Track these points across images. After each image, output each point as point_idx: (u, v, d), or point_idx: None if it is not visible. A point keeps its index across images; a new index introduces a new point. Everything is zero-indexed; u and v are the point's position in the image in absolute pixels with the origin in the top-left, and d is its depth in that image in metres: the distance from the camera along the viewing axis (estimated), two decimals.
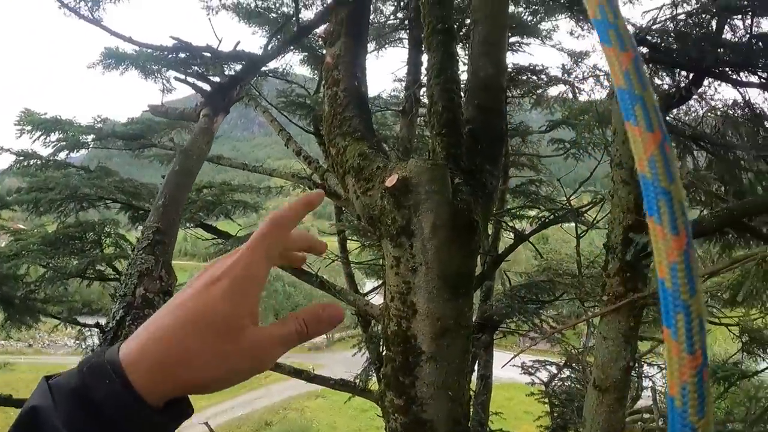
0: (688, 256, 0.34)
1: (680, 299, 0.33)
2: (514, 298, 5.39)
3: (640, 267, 3.52)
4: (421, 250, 2.85)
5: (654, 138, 0.37)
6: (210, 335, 0.52)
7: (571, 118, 6.72)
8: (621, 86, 0.39)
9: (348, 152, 3.31)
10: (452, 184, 2.90)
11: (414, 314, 2.96)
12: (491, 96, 3.53)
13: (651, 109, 0.38)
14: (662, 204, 0.35)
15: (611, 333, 3.41)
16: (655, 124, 0.37)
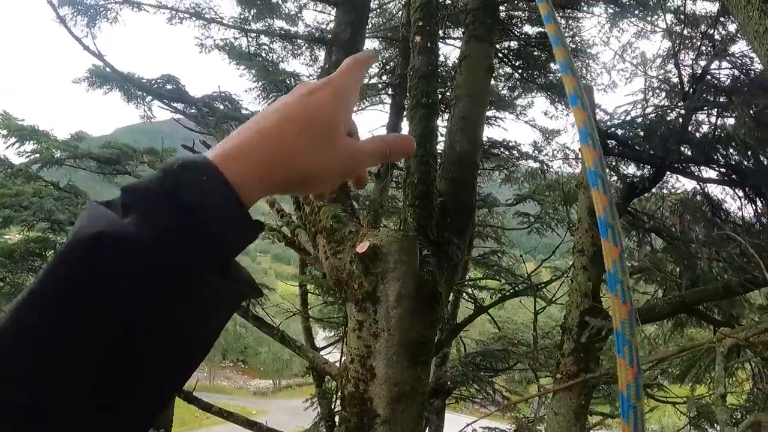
0: (631, 315, 0.62)
1: (626, 338, 0.61)
2: (468, 365, 5.46)
3: (593, 349, 3.65)
4: (385, 316, 2.93)
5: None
6: (312, 134, 0.53)
7: (538, 193, 6.97)
8: (600, 216, 0.65)
9: (322, 212, 3.41)
10: (420, 255, 3.01)
11: (372, 378, 3.01)
12: (464, 171, 3.69)
13: (617, 232, 0.65)
14: (618, 288, 0.62)
15: (562, 409, 3.50)
16: (618, 239, 0.65)
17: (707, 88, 5.03)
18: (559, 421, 3.52)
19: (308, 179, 0.54)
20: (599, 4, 7.08)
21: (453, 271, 3.36)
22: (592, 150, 0.69)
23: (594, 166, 0.67)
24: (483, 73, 4.26)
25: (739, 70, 5.11)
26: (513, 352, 5.79)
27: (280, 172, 0.51)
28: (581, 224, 3.80)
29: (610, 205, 0.63)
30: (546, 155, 8.27)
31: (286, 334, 4.17)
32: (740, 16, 1.75)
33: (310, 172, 0.53)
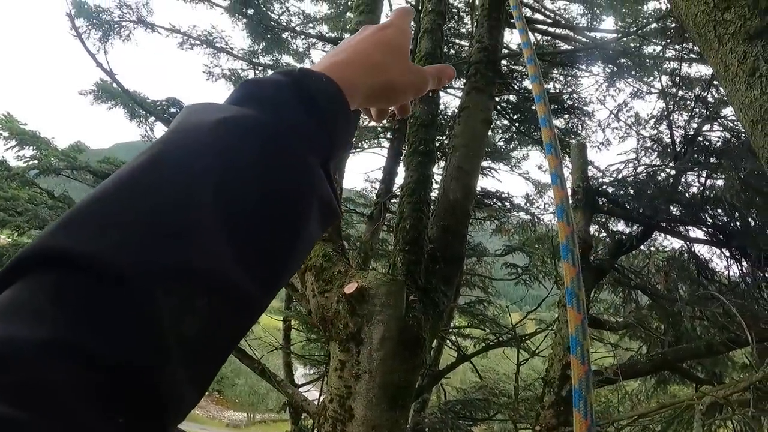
0: (588, 376, 0.67)
1: (582, 394, 0.66)
2: (448, 413, 5.43)
3: None
4: (368, 358, 2.95)
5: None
6: (394, 54, 0.65)
7: (527, 245, 7.04)
8: (567, 286, 0.72)
9: (313, 251, 3.44)
10: (407, 300, 3.05)
11: (351, 419, 3.01)
12: (456, 220, 3.75)
13: (581, 301, 0.71)
14: (578, 349, 0.68)
15: None
16: (582, 308, 0.71)
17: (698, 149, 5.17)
18: None
19: (394, 88, 0.65)
20: (598, 63, 7.29)
21: (438, 317, 3.38)
22: (565, 226, 0.76)
23: (566, 241, 0.73)
24: (481, 124, 4.36)
25: (729, 132, 5.26)
26: (493, 402, 5.77)
27: (375, 80, 0.62)
28: None
29: (577, 277, 0.70)
30: (537, 208, 8.39)
31: (266, 367, 4.16)
32: (728, 88, 1.84)
33: (396, 82, 0.65)
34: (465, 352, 6.39)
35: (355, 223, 8.07)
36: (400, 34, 0.69)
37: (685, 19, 2.03)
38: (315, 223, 0.48)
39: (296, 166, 0.46)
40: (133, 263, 0.33)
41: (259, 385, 30.86)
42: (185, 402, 0.36)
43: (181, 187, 0.38)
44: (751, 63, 1.75)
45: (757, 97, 1.70)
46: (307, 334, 6.61)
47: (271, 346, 6.46)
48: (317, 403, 4.15)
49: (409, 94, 0.68)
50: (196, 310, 0.36)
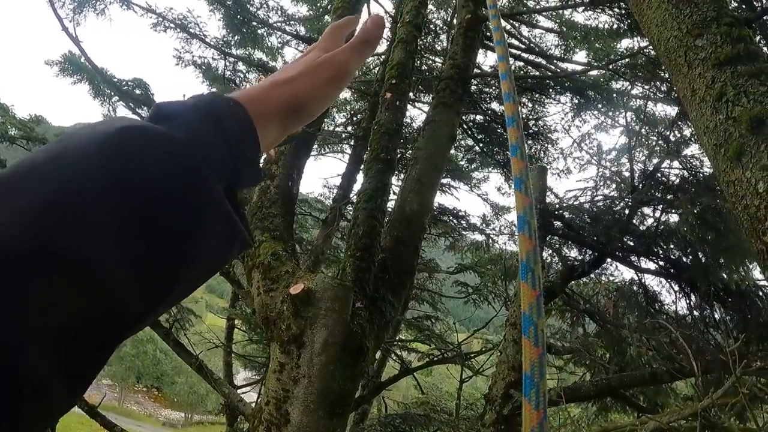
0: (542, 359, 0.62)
1: (534, 382, 0.60)
2: (387, 426, 5.37)
3: (514, 422, 3.67)
4: (308, 362, 2.88)
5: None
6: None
7: (480, 265, 7.09)
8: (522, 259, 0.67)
9: (262, 248, 3.38)
10: (353, 307, 3.00)
11: (286, 423, 2.93)
12: (411, 232, 3.73)
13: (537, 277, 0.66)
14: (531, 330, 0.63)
15: None
16: (539, 285, 0.65)
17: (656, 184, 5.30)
18: None
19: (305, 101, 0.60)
20: (566, 93, 7.43)
21: (384, 328, 3.34)
22: (523, 196, 0.75)
23: (524, 212, 0.71)
24: (445, 139, 4.38)
25: (688, 171, 5.41)
26: (434, 418, 5.74)
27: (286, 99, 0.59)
28: (518, 299, 3.88)
29: (534, 251, 0.67)
30: (493, 229, 8.46)
31: (204, 364, 4.04)
32: (694, 112, 1.87)
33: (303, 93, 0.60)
34: (409, 366, 6.36)
35: (309, 228, 7.98)
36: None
37: (656, 44, 2.06)
38: (215, 241, 0.46)
39: (195, 179, 0.44)
40: (14, 241, 0.34)
41: (200, 385, 30.23)
42: (51, 396, 0.35)
43: (74, 179, 0.38)
44: (718, 88, 1.79)
45: (722, 121, 1.73)
46: (250, 334, 6.49)
47: (211, 344, 6.31)
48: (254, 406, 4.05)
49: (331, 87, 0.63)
50: (68, 300, 0.35)
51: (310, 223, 8.09)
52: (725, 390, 3.01)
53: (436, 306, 7.60)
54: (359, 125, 7.45)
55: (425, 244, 7.17)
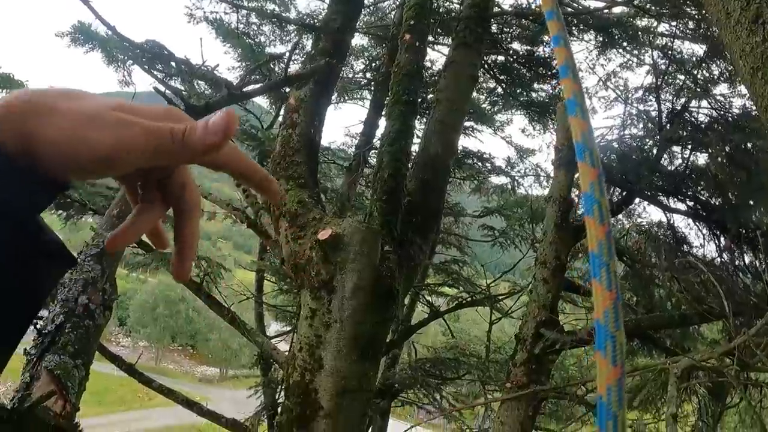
0: (616, 305, 0.51)
1: (609, 332, 0.50)
2: (418, 370, 5.44)
3: (545, 361, 3.67)
4: (339, 307, 2.89)
5: (603, 229, 0.54)
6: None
7: (506, 208, 7.01)
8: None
9: (288, 196, 3.35)
10: (381, 251, 2.98)
11: (319, 369, 2.96)
12: (436, 174, 3.68)
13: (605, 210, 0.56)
14: (603, 271, 0.52)
15: (509, 420, 3.50)
16: (605, 218, 0.56)
17: (684, 124, 5.14)
18: (504, 431, 3.52)
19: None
20: (590, 31, 7.17)
21: (413, 271, 3.33)
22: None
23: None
24: (466, 80, 4.27)
25: (717, 111, 5.23)
26: (464, 362, 5.79)
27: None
28: (546, 237, 3.83)
29: (598, 180, 0.57)
30: (518, 172, 8.34)
31: (236, 314, 4.09)
32: (728, 36, 1.77)
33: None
34: (438, 310, 6.39)
35: (333, 177, 7.95)
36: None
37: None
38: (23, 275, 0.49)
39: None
40: None
41: (233, 340, 31.02)
42: None
43: None
44: (754, 9, 1.69)
45: (758, 43, 1.63)
46: (280, 284, 6.56)
47: (242, 296, 6.40)
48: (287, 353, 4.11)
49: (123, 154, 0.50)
50: None
51: (334, 172, 8.06)
52: (758, 329, 2.95)
53: (463, 250, 7.58)
54: (378, 71, 7.31)
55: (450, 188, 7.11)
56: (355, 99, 8.76)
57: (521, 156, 8.79)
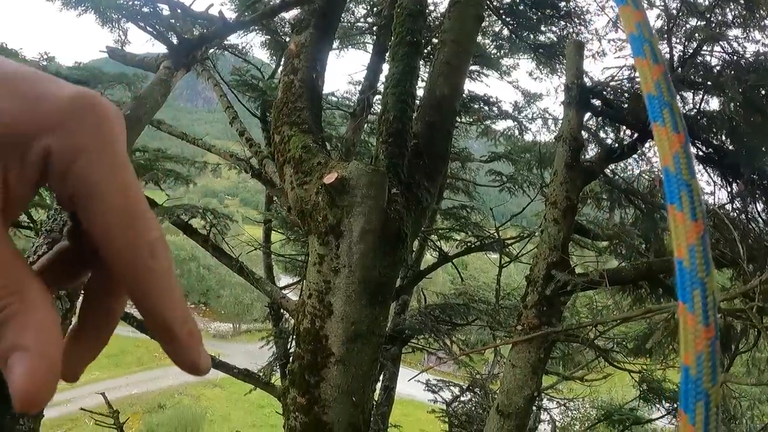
0: (704, 240, 0.37)
1: (697, 277, 0.36)
2: (428, 316, 5.47)
3: (557, 303, 3.65)
4: (347, 252, 2.85)
5: (679, 138, 0.40)
6: None
7: (513, 153, 6.93)
8: (651, 93, 0.43)
9: (292, 142, 3.28)
10: (388, 193, 2.92)
11: (329, 315, 2.95)
12: (442, 116, 3.58)
13: (677, 114, 0.41)
14: (684, 194, 0.38)
15: (520, 362, 3.51)
16: (680, 126, 0.41)
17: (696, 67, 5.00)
18: (516, 373, 3.53)
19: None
20: None
21: (421, 214, 3.28)
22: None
23: None
24: (472, 20, 4.12)
25: (730, 55, 5.07)
26: (473, 308, 5.81)
27: None
28: (557, 177, 3.75)
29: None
30: (525, 117, 8.20)
31: (244, 265, 4.08)
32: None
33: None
34: (446, 254, 6.38)
35: (338, 125, 7.85)
36: None
37: None
38: None
39: None
40: None
41: (244, 295, 31.45)
42: None
43: None
44: None
45: None
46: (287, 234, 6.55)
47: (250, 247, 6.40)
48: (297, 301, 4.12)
49: None
50: None
51: (338, 120, 7.96)
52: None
53: (471, 195, 7.53)
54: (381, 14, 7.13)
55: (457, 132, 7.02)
56: (357, 45, 8.58)
57: (528, 100, 8.64)
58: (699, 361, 0.36)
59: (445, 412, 5.38)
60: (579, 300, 5.36)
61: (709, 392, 0.35)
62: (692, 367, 0.36)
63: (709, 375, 0.36)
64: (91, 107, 0.30)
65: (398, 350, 5.50)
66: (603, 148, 4.59)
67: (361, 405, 3.13)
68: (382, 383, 5.44)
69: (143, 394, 24.93)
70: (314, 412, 3.02)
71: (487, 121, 7.73)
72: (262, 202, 7.77)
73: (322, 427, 3.03)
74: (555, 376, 5.75)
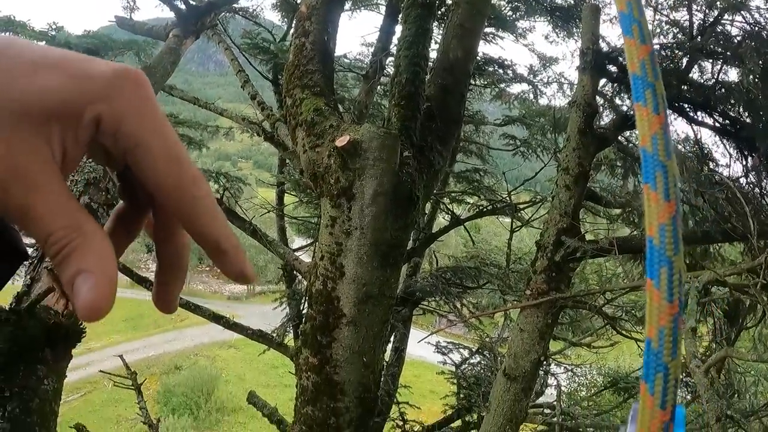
0: (675, 220, 0.39)
1: (665, 255, 0.38)
2: (439, 279, 5.51)
3: (566, 269, 3.66)
4: (359, 214, 2.88)
5: (658, 119, 0.41)
6: None
7: (528, 117, 6.86)
8: (636, 73, 0.43)
9: (304, 105, 3.28)
10: (401, 156, 2.93)
11: (341, 276, 3.00)
12: (455, 79, 3.56)
13: (659, 95, 0.42)
14: (659, 175, 0.40)
15: (528, 326, 3.54)
16: (661, 108, 0.42)
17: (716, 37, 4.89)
18: (523, 338, 3.57)
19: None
20: None
21: (433, 177, 3.29)
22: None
23: None
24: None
25: (750, 26, 4.95)
26: (484, 271, 5.85)
27: None
28: (569, 143, 3.72)
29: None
30: (541, 80, 8.08)
31: (257, 227, 4.12)
32: None
33: None
34: (459, 217, 6.39)
35: (350, 87, 7.80)
36: None
37: None
38: None
39: None
40: None
41: (258, 257, 31.75)
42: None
43: None
44: None
45: None
46: (300, 196, 6.58)
47: (263, 209, 6.44)
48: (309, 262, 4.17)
49: None
50: None
51: (351, 82, 7.90)
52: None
53: (484, 158, 7.49)
54: None
55: (471, 95, 6.95)
56: (369, 6, 8.46)
57: (544, 64, 8.50)
58: (661, 335, 0.38)
59: (454, 374, 5.46)
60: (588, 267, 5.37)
61: (669, 365, 0.37)
62: (654, 341, 0.38)
63: (670, 349, 0.37)
64: (130, 78, 0.36)
65: (409, 312, 5.57)
66: (618, 115, 4.53)
67: (372, 365, 3.20)
68: (392, 344, 5.51)
69: (160, 356, 25.49)
70: (326, 372, 3.10)
71: (502, 84, 7.63)
72: (275, 164, 7.80)
73: (333, 386, 3.11)
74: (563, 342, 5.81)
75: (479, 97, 8.10)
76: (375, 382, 3.33)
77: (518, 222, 6.19)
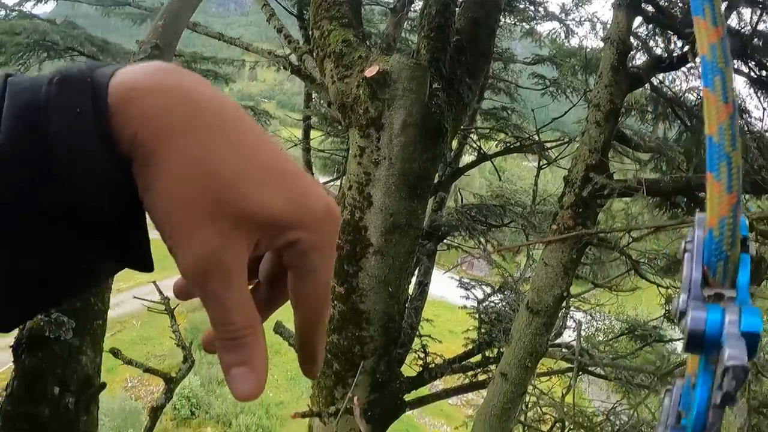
0: (733, 119, 0.41)
1: (724, 151, 0.41)
2: (464, 215, 5.54)
3: (593, 205, 3.66)
4: (388, 144, 2.91)
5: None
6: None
7: (558, 57, 6.70)
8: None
9: (332, 37, 3.28)
10: (430, 88, 2.93)
11: (369, 206, 3.06)
12: (486, 12, 3.50)
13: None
14: (717, 80, 0.42)
15: (553, 261, 3.58)
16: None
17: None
18: (548, 272, 3.61)
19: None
20: None
21: (461, 110, 3.29)
22: None
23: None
24: None
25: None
26: (509, 209, 5.86)
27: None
28: (601, 79, 3.67)
29: None
30: (573, 20, 7.82)
31: None
32: None
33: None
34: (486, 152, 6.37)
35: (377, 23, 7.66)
36: None
37: None
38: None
39: None
40: None
41: None
42: None
43: None
44: None
45: None
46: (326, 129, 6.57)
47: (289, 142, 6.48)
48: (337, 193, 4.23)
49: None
50: None
51: (377, 17, 7.75)
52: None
53: (512, 96, 7.38)
54: None
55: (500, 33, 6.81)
56: None
57: (577, 3, 8.21)
58: (722, 225, 0.40)
59: (476, 309, 5.56)
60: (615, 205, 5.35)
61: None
62: (715, 229, 0.41)
63: (729, 240, 0.40)
64: (335, 218, 0.40)
65: (434, 246, 5.63)
66: (652, 56, 4.43)
67: (397, 296, 3.30)
68: (417, 278, 5.60)
69: None
70: (351, 301, 3.21)
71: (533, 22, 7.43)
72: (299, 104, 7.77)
73: (359, 315, 3.22)
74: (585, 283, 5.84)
75: (509, 35, 7.90)
76: (399, 313, 3.43)
77: (545, 161, 6.15)
